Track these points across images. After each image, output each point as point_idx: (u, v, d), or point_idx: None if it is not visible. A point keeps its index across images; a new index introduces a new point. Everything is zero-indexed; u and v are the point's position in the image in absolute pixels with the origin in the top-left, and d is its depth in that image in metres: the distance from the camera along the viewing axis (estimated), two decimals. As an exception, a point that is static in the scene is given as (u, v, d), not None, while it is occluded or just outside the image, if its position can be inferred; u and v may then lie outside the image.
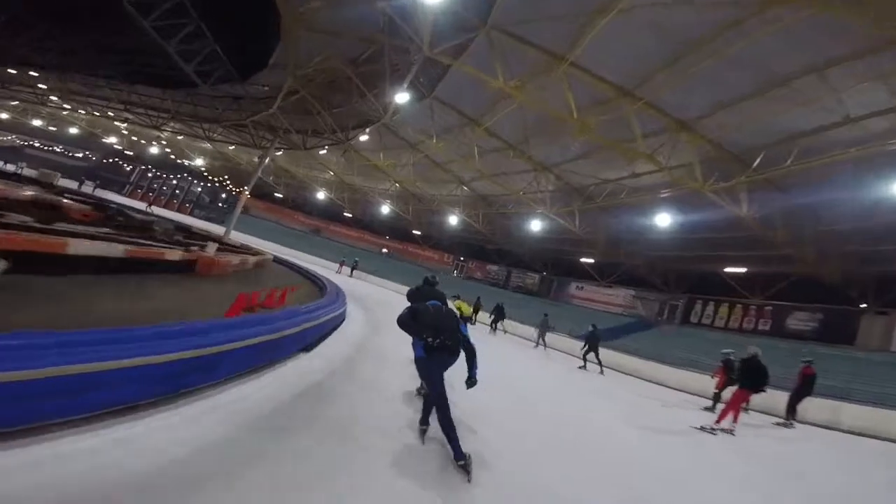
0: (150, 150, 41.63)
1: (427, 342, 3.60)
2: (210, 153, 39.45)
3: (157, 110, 25.71)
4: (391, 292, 24.95)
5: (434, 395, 3.55)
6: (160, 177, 47.81)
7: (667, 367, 14.68)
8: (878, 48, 8.12)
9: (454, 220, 28.67)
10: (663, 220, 17.12)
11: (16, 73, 24.78)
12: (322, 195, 37.16)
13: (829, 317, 16.61)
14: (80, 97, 28.31)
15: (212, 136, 26.58)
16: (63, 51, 19.46)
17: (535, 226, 23.07)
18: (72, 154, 46.80)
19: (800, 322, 17.52)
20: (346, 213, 40.07)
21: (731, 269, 19.73)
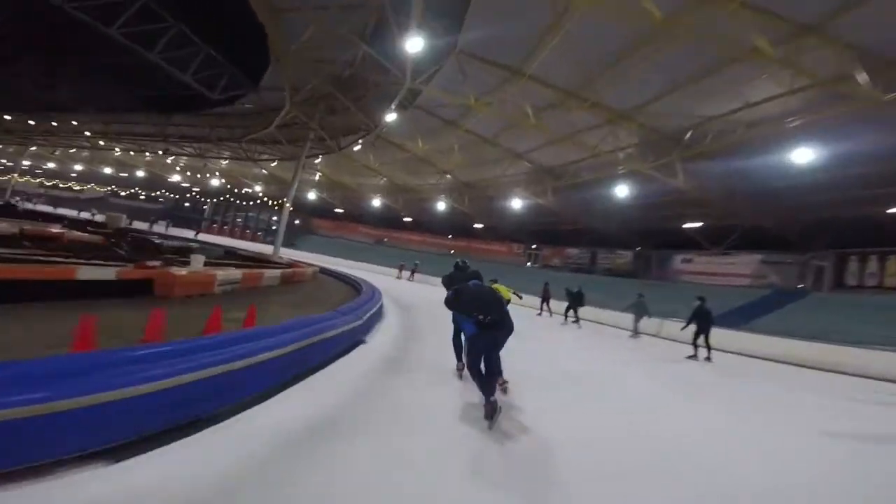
0: (211, 182, 43.34)
1: (478, 320, 3.67)
2: (263, 178, 40.02)
3: (191, 139, 25.71)
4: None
5: (470, 365, 3.74)
6: (228, 210, 50.11)
7: (844, 349, 10.58)
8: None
9: (517, 203, 25.01)
10: (803, 155, 12.53)
11: (56, 124, 26.16)
12: (377, 202, 35.48)
13: None
14: (126, 137, 29.38)
15: (256, 158, 26.14)
16: (83, 86, 19.58)
17: (621, 191, 18.67)
18: (150, 197, 50.97)
19: None
20: (405, 218, 38.34)
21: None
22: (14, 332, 3.70)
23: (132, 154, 34.96)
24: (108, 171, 44.24)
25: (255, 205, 48.07)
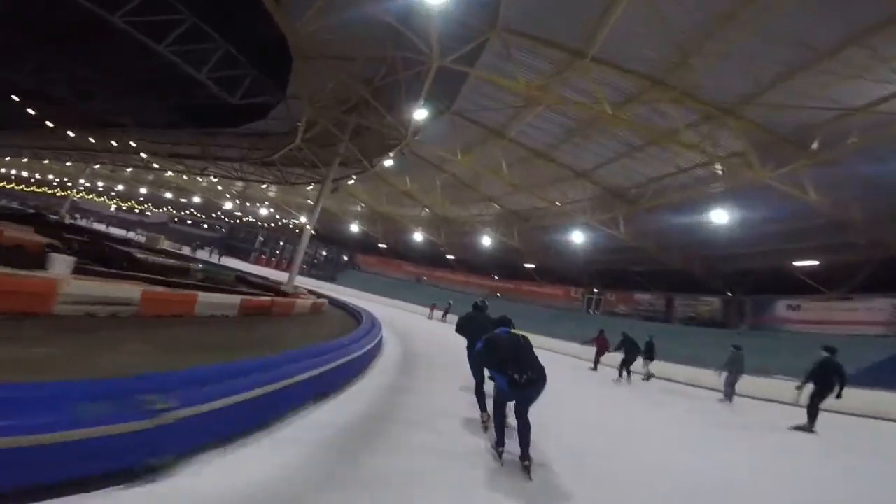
0: (260, 212, 43.18)
1: (513, 379, 3.25)
2: (308, 208, 39.16)
3: (228, 159, 24.82)
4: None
5: (494, 416, 3.54)
6: (278, 241, 50.02)
7: None
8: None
9: (578, 237, 20.88)
10: None
11: (116, 144, 26.46)
12: (419, 236, 32.47)
13: None
14: (174, 158, 29.44)
15: (293, 181, 24.82)
16: (116, 93, 19.19)
17: (719, 217, 14.15)
18: (212, 227, 52.43)
19: None
20: (447, 255, 35.30)
21: None
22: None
23: (185, 178, 35.57)
24: (168, 195, 45.83)
25: (301, 235, 47.55)
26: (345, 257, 47.22)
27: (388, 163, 15.77)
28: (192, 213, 52.97)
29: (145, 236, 27.96)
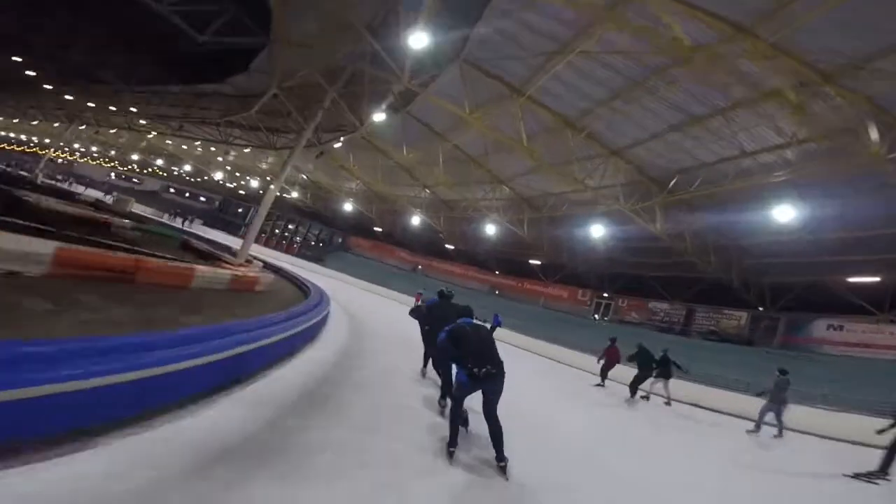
0: (252, 184, 40.53)
1: (472, 372, 3.26)
2: (301, 183, 36.59)
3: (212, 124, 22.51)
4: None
5: (452, 409, 3.38)
6: (277, 219, 47.27)
7: None
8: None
9: (598, 231, 18.32)
10: None
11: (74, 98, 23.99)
12: (417, 220, 29.76)
13: None
14: (156, 118, 27.11)
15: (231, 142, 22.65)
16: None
17: (783, 214, 11.66)
18: (198, 198, 49.96)
19: None
20: (447, 245, 32.80)
21: None
22: None
23: (169, 142, 32.98)
24: (159, 162, 43.27)
25: (295, 211, 44.80)
26: (340, 239, 44.71)
27: (381, 117, 13.89)
28: (189, 183, 50.48)
29: (114, 199, 26.30)
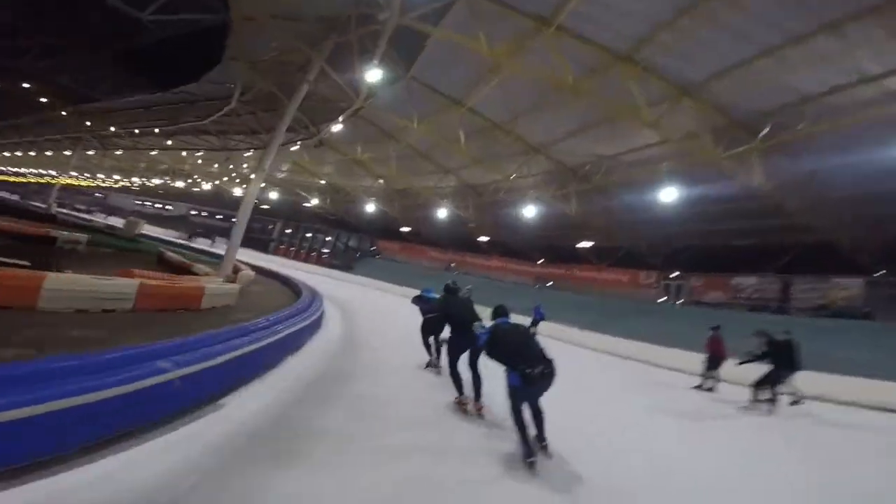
0: (270, 196, 39.25)
1: (525, 373, 3.20)
2: (320, 189, 34.86)
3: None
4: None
5: (515, 419, 3.33)
6: (295, 230, 46.15)
7: None
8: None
9: (670, 195, 14.47)
10: None
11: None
12: (443, 212, 26.83)
13: None
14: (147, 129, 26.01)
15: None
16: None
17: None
18: (227, 218, 49.56)
19: None
20: (479, 238, 30.03)
21: None
22: None
23: (181, 158, 32.11)
24: (179, 184, 43.00)
25: (319, 220, 43.48)
26: (369, 245, 43.09)
27: (377, 75, 12.35)
28: (211, 203, 50.27)
29: (126, 222, 26.59)
